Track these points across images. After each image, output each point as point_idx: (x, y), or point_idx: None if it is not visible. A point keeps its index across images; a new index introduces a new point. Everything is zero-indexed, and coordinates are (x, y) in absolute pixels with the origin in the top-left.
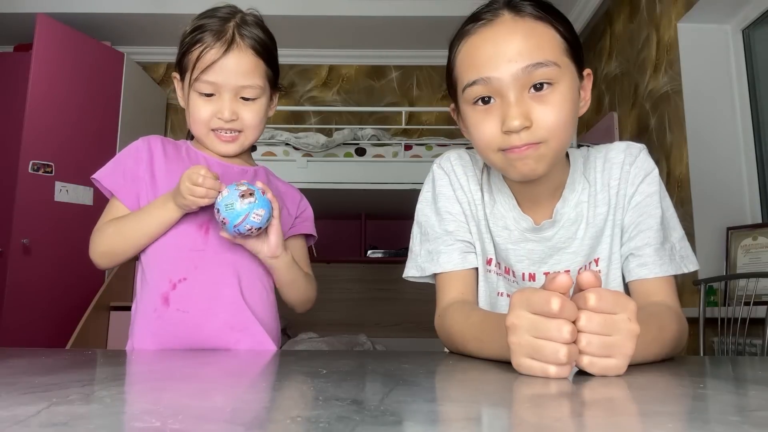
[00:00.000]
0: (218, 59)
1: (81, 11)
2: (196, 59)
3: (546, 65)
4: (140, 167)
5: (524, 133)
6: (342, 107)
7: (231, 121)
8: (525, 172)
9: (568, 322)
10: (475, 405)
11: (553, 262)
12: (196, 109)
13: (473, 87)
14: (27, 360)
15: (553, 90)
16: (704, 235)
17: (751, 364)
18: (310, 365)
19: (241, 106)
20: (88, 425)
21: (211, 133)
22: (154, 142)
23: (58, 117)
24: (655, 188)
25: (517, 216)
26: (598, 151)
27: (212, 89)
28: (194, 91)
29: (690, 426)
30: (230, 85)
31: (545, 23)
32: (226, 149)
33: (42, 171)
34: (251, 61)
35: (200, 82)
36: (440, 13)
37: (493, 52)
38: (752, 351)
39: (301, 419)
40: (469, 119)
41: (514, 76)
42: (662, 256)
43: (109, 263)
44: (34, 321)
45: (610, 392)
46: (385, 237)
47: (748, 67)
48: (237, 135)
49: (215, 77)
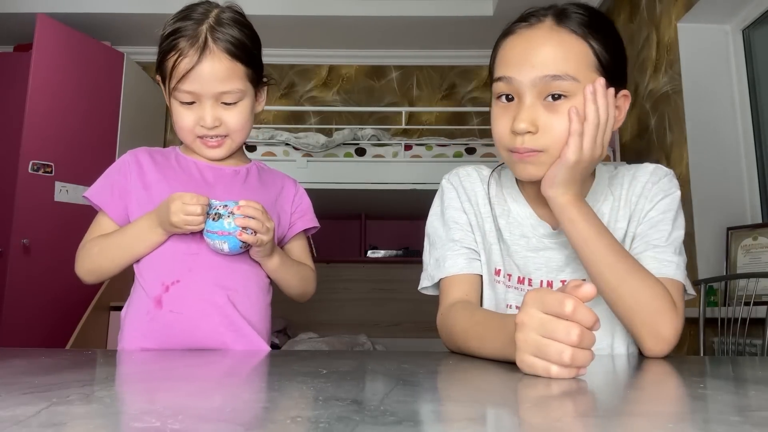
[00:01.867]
0: (193, 67)
1: (81, 11)
2: (172, 68)
3: (563, 79)
4: (129, 180)
5: (528, 138)
6: (342, 107)
7: (214, 127)
8: (524, 176)
9: (578, 326)
10: (476, 405)
11: (570, 271)
12: (179, 117)
13: (499, 83)
14: (27, 360)
15: (568, 102)
16: (704, 235)
17: (751, 364)
18: (310, 365)
19: (223, 111)
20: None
21: (198, 140)
22: (141, 154)
23: (58, 117)
24: (672, 208)
25: (535, 223)
26: (627, 169)
27: (191, 98)
28: (174, 99)
29: (690, 426)
30: (209, 93)
31: (581, 38)
32: (213, 154)
33: (42, 171)
34: (227, 67)
35: (179, 91)
36: (440, 13)
37: (522, 55)
38: (752, 351)
39: (301, 419)
40: (492, 112)
41: (533, 82)
42: (663, 261)
43: (96, 280)
44: (34, 321)
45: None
46: (385, 237)
47: (748, 67)
48: (223, 140)
49: (192, 86)
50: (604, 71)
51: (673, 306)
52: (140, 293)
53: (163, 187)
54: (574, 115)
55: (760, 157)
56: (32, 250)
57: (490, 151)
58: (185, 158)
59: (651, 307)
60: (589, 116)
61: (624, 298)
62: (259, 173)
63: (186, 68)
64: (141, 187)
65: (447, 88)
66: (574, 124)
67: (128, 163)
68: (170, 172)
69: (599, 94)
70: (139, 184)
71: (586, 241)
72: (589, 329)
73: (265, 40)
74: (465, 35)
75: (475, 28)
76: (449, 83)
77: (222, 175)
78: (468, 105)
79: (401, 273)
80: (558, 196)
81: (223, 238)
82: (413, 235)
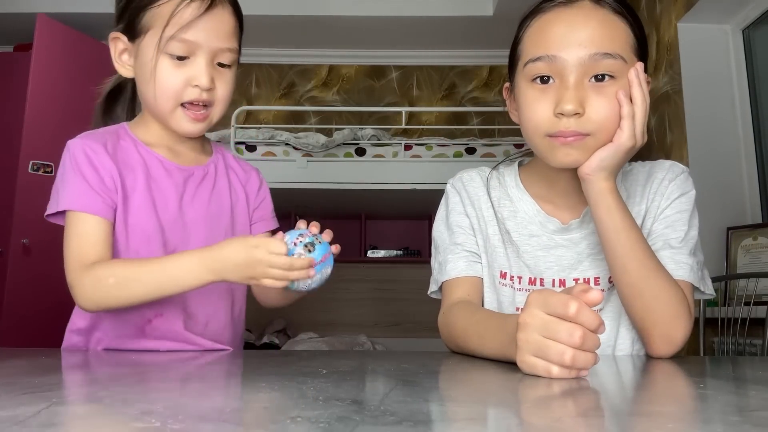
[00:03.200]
0: (200, 15)
1: (81, 11)
2: (172, 13)
3: (614, 57)
4: (104, 179)
5: (574, 120)
6: (342, 107)
7: (208, 90)
8: (566, 162)
9: (581, 328)
10: (476, 405)
11: (582, 269)
12: (165, 75)
13: (536, 63)
14: (27, 360)
15: (614, 83)
16: (704, 235)
17: (751, 364)
18: (310, 365)
19: (216, 73)
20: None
21: (180, 110)
22: (88, 145)
23: (58, 117)
24: (687, 207)
25: (543, 219)
26: (642, 165)
27: (187, 51)
28: (164, 53)
29: (690, 426)
30: (209, 47)
31: (621, 17)
32: (193, 129)
33: (42, 171)
34: (232, 21)
35: (176, 41)
36: (440, 13)
37: (565, 32)
38: (752, 351)
39: (301, 419)
40: (524, 97)
41: (580, 60)
42: (679, 262)
43: (101, 310)
44: (34, 321)
45: (610, 393)
46: (385, 237)
47: (748, 67)
48: (207, 112)
49: (196, 35)
50: (640, 53)
51: (688, 311)
52: (119, 317)
53: (143, 199)
54: (623, 97)
55: (760, 157)
56: (32, 250)
57: (490, 151)
58: (148, 152)
59: (668, 309)
60: (637, 100)
61: (644, 296)
62: (224, 160)
63: (194, 14)
64: (120, 197)
65: (447, 88)
66: (626, 107)
67: (89, 158)
68: (141, 173)
69: (642, 78)
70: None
71: (618, 232)
72: (593, 332)
73: (265, 40)
74: (465, 35)
75: (475, 28)
76: (449, 83)
77: (190, 176)
78: (468, 105)
79: (401, 273)
80: (601, 180)
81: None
82: (413, 235)
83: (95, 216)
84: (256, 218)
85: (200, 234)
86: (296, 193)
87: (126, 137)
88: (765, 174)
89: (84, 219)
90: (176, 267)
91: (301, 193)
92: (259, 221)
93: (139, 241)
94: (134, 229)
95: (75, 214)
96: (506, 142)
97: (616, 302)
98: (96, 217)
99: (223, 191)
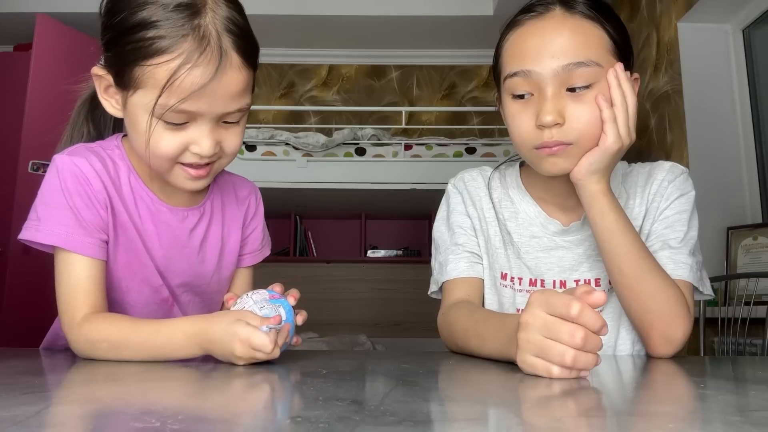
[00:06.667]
0: (207, 83)
1: (81, 11)
2: (170, 79)
3: (587, 65)
4: (99, 214)
5: (556, 130)
6: (342, 107)
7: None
8: (554, 171)
9: (583, 329)
10: (476, 405)
11: (583, 270)
12: (160, 141)
13: (513, 78)
14: (27, 360)
15: (592, 90)
16: (704, 235)
17: (751, 364)
18: (310, 365)
19: (223, 132)
20: (88, 425)
21: (178, 168)
22: (80, 169)
23: (58, 117)
24: (687, 208)
25: (544, 221)
26: (642, 167)
27: (187, 119)
28: (161, 121)
29: (690, 426)
30: (215, 113)
31: (595, 22)
32: (195, 185)
33: (42, 171)
34: (245, 78)
35: (175, 112)
36: (440, 13)
37: (537, 46)
38: (752, 351)
39: (301, 419)
40: (507, 111)
41: (555, 72)
42: (678, 262)
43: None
44: (34, 321)
45: (610, 392)
46: (385, 237)
47: (748, 67)
48: (212, 166)
49: (199, 105)
50: (619, 54)
51: (687, 310)
52: None
53: (132, 236)
54: (603, 101)
55: (760, 157)
56: (32, 250)
57: (490, 150)
58: (142, 187)
59: (666, 309)
60: (617, 102)
61: (641, 297)
62: (222, 204)
63: (198, 84)
64: (111, 229)
65: (447, 88)
66: (606, 111)
67: (81, 186)
68: (133, 209)
69: (622, 78)
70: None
71: (612, 234)
72: (596, 333)
73: (265, 40)
74: (465, 35)
75: (475, 27)
76: (449, 83)
77: (184, 220)
78: (468, 105)
79: (401, 273)
80: (592, 183)
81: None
82: (413, 234)
83: (87, 258)
84: (244, 252)
85: (186, 276)
86: (296, 193)
87: (121, 162)
88: (765, 174)
89: (75, 262)
90: (166, 340)
91: (301, 193)
92: (247, 254)
93: (128, 278)
94: (123, 268)
95: (65, 253)
96: (506, 141)
97: (616, 303)
98: (88, 259)
99: (214, 235)
